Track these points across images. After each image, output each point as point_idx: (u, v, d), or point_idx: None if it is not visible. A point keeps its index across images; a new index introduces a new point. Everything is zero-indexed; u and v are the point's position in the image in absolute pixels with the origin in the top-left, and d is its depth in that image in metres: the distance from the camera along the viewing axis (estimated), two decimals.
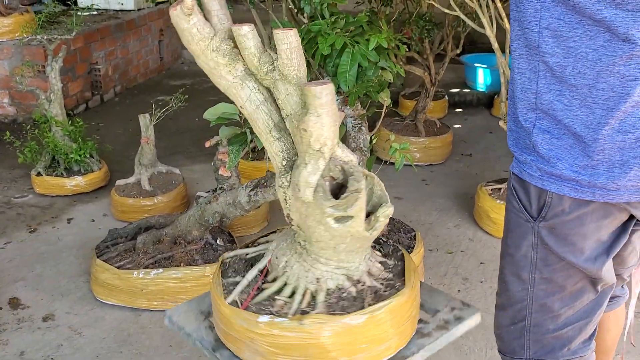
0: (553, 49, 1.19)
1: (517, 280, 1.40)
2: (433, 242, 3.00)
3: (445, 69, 4.01)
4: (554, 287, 1.36)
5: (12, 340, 2.31)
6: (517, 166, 1.33)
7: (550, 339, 1.42)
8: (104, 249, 2.58)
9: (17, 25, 4.69)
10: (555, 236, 1.30)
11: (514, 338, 1.46)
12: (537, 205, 1.30)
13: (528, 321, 1.42)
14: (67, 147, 3.45)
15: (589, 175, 1.21)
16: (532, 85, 1.24)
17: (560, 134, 1.22)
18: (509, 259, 1.42)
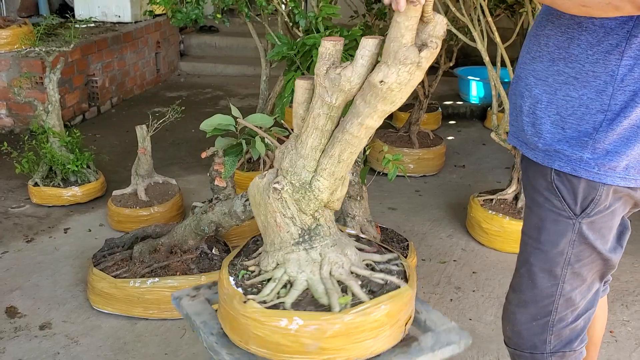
0: (635, 52, 1.27)
1: (547, 276, 1.47)
2: (426, 251, 3.04)
3: (439, 82, 4.07)
4: (579, 280, 1.47)
5: (9, 348, 2.33)
6: (569, 164, 1.38)
7: (568, 331, 1.51)
8: (100, 258, 2.61)
9: (15, 38, 4.73)
10: (593, 230, 1.42)
11: (536, 334, 1.52)
12: (583, 203, 1.39)
13: (553, 316, 1.50)
14: (64, 158, 3.48)
15: (636, 162, 1.35)
16: (607, 88, 1.31)
17: (623, 129, 1.32)
18: (541, 256, 1.47)
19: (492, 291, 2.71)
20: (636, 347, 2.35)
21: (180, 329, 2.44)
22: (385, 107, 1.27)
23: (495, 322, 2.49)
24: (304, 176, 1.40)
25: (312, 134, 1.38)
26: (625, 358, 2.29)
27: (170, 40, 6.53)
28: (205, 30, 7.17)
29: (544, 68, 1.40)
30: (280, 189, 1.40)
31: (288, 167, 1.43)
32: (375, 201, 3.51)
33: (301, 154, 1.40)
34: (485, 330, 2.44)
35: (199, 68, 6.79)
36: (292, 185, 1.41)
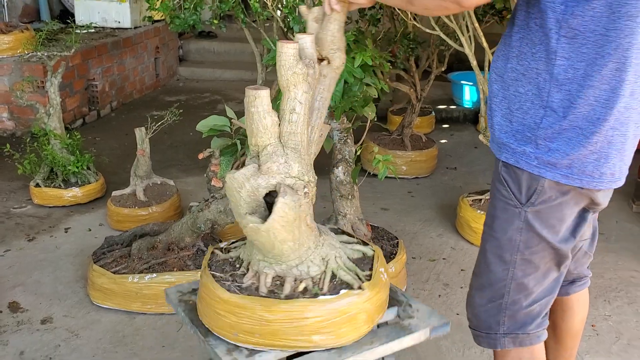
0: (568, 54, 1.36)
1: (499, 261, 1.57)
2: (417, 250, 3.13)
3: (432, 86, 4.16)
4: (531, 267, 1.54)
5: (12, 341, 2.42)
6: (513, 157, 1.47)
7: (522, 314, 1.59)
8: (100, 255, 2.70)
9: (17, 43, 4.83)
10: (540, 220, 1.49)
11: (491, 315, 1.62)
12: (527, 193, 1.47)
13: (505, 299, 1.58)
14: (65, 160, 3.58)
15: (580, 163, 1.41)
16: (546, 85, 1.40)
17: (563, 128, 1.40)
18: (494, 242, 1.57)
19: None
20: (616, 340, 2.44)
21: (177, 323, 2.53)
22: (334, 85, 1.55)
23: None
24: (312, 170, 1.52)
25: (305, 130, 1.50)
26: (606, 350, 2.38)
27: (169, 46, 6.64)
28: (204, 35, 7.28)
29: (502, 65, 1.50)
30: (310, 192, 1.48)
31: (301, 170, 1.47)
32: (368, 202, 3.60)
33: (304, 153, 1.48)
34: None
35: (197, 73, 6.89)
36: (312, 183, 1.50)
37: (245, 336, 1.42)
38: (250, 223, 1.38)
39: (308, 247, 1.47)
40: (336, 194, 2.71)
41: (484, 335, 1.65)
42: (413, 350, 2.33)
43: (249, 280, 1.47)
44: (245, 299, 1.41)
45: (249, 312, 1.40)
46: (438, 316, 1.63)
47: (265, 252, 1.45)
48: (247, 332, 1.41)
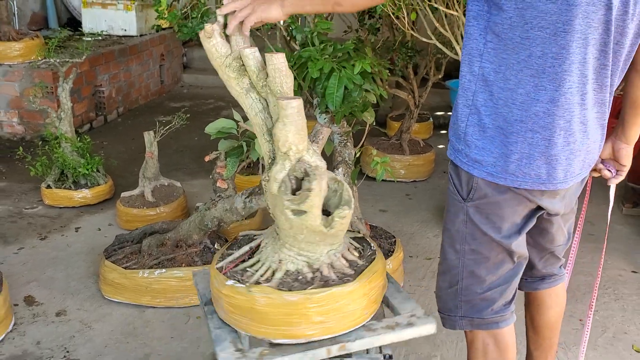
0: (492, 58, 1.47)
1: (452, 250, 1.68)
2: (414, 249, 3.26)
3: (430, 94, 4.30)
4: (480, 257, 1.64)
5: (29, 332, 2.55)
6: (453, 153, 1.60)
7: (478, 300, 1.69)
8: (111, 252, 2.83)
9: (27, 50, 4.98)
10: (480, 215, 1.59)
11: (450, 299, 1.74)
12: (467, 188, 1.58)
13: (460, 285, 1.70)
14: (76, 162, 3.71)
15: (503, 162, 1.50)
16: (471, 86, 1.51)
17: (486, 127, 1.50)
18: (447, 233, 1.70)
19: None
20: (602, 333, 2.57)
21: (184, 316, 2.65)
22: None
23: None
24: None
25: None
26: (592, 342, 2.50)
27: (173, 53, 6.79)
28: None
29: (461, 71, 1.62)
30: None
31: None
32: (367, 204, 3.73)
33: None
34: None
35: (201, 80, 7.04)
36: None
37: None
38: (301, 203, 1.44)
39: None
40: None
41: (446, 317, 1.78)
42: (407, 343, 2.46)
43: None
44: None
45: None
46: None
47: (309, 237, 1.51)
48: None
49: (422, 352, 2.43)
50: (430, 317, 1.61)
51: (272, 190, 1.45)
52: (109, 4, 6.18)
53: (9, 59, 4.94)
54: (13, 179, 4.20)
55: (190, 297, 2.69)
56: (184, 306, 2.70)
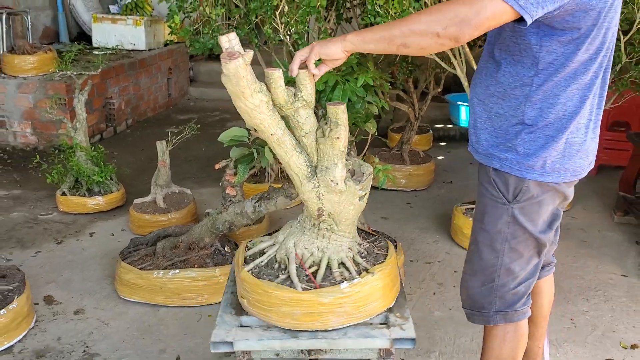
0: (540, 81, 1.67)
1: (490, 250, 1.84)
2: (414, 254, 3.41)
3: (431, 107, 4.48)
4: (516, 254, 1.82)
5: (50, 329, 2.70)
6: (498, 162, 1.76)
7: (510, 295, 1.87)
8: (127, 254, 2.98)
9: (41, 63, 5.17)
10: (524, 214, 1.77)
11: (484, 296, 1.89)
12: (514, 191, 1.76)
13: (496, 282, 1.86)
14: (90, 170, 3.88)
15: (550, 163, 1.71)
16: (520, 106, 1.71)
17: (536, 137, 1.70)
18: (484, 234, 1.84)
19: None
20: (591, 332, 2.71)
21: (197, 314, 2.80)
22: None
23: None
24: None
25: None
26: (582, 340, 2.64)
27: (180, 67, 6.98)
28: (214, 58, 7.62)
29: (483, 91, 1.80)
30: None
31: None
32: (369, 211, 3.87)
33: None
34: (463, 317, 2.75)
35: (207, 93, 7.23)
36: None
37: None
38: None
39: None
40: None
41: (477, 314, 1.93)
42: None
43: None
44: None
45: None
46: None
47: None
48: None
49: (422, 348, 2.57)
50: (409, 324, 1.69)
51: (341, 188, 1.63)
52: (118, 19, 6.39)
53: (23, 72, 5.13)
54: (28, 187, 4.36)
55: (202, 296, 2.84)
56: (196, 305, 2.84)
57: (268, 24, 3.41)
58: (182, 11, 3.64)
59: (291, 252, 1.77)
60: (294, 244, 1.78)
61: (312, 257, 1.75)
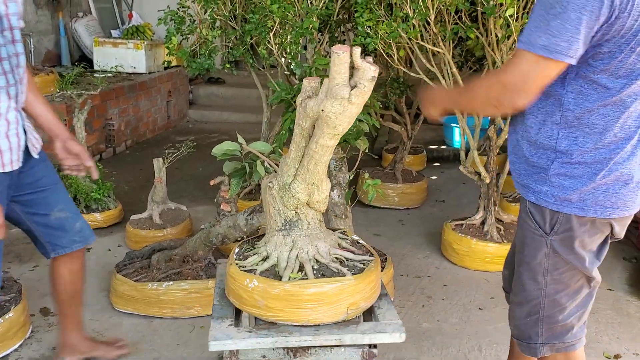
0: (574, 107, 1.62)
1: (533, 282, 1.79)
2: (405, 269, 3.47)
3: (425, 129, 4.59)
4: (561, 285, 1.76)
5: (45, 338, 2.75)
6: (533, 195, 1.72)
7: (559, 327, 1.81)
8: (122, 267, 3.05)
9: (43, 84, 5.28)
10: (564, 247, 1.71)
11: (530, 327, 1.84)
12: (550, 224, 1.71)
13: (541, 314, 1.80)
14: (88, 187, 3.96)
15: (592, 196, 1.65)
16: (553, 134, 1.66)
17: (572, 168, 1.65)
18: (526, 266, 1.80)
19: (459, 300, 3.13)
20: None
21: (189, 326, 2.85)
22: (329, 130, 1.64)
23: (459, 324, 2.90)
24: (285, 179, 1.85)
25: (293, 148, 1.83)
26: None
27: (180, 90, 7.11)
28: (213, 81, 7.77)
29: (517, 122, 1.77)
30: (272, 187, 1.85)
31: (279, 171, 1.89)
32: (362, 228, 3.95)
33: (286, 163, 1.86)
34: (450, 329, 2.86)
35: (206, 116, 7.34)
36: (279, 185, 1.85)
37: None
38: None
39: (271, 229, 1.90)
40: (331, 214, 3.07)
41: (525, 345, 1.88)
42: (397, 348, 2.66)
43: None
44: None
45: None
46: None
47: None
48: None
49: (410, 357, 2.62)
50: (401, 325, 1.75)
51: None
52: (119, 43, 6.53)
53: None
54: None
55: (196, 308, 2.90)
56: (189, 317, 2.90)
57: (263, 45, 3.53)
58: (180, 33, 3.77)
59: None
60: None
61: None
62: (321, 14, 3.49)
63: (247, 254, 1.89)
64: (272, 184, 1.86)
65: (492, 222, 3.49)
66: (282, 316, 1.73)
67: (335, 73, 1.57)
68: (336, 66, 1.56)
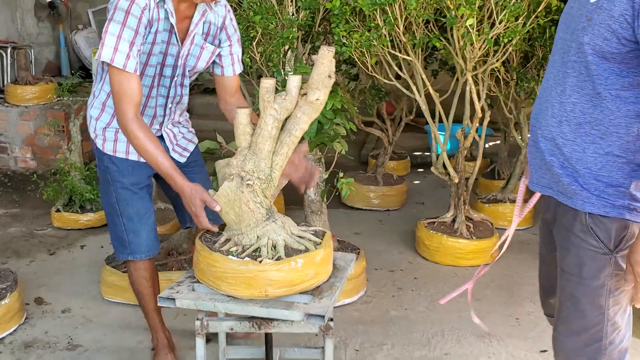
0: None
1: (594, 307, 1.66)
2: (379, 264, 3.68)
3: (411, 137, 4.80)
4: (619, 306, 1.67)
5: (39, 324, 2.96)
6: (602, 209, 1.61)
7: (617, 352, 1.69)
8: (112, 260, 3.26)
9: (42, 93, 5.52)
10: (624, 262, 1.62)
11: (589, 358, 1.70)
12: (616, 239, 1.61)
13: (604, 341, 1.67)
14: (83, 189, 4.18)
15: None
16: (630, 146, 1.58)
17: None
18: (585, 290, 1.66)
19: (427, 291, 3.34)
20: (533, 328, 2.96)
21: (174, 313, 3.05)
22: (314, 115, 1.93)
23: (425, 312, 3.11)
24: (266, 172, 2.06)
25: (267, 141, 2.05)
26: (524, 335, 2.90)
27: None
28: (209, 91, 8.03)
29: (572, 130, 1.64)
30: (252, 184, 2.04)
31: (253, 168, 2.07)
32: (343, 227, 4.16)
33: (261, 157, 2.06)
34: (416, 317, 3.06)
35: (202, 125, 7.50)
36: (260, 180, 2.05)
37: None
38: (212, 190, 1.99)
39: (247, 224, 2.00)
40: (308, 210, 3.28)
41: None
42: (365, 332, 2.86)
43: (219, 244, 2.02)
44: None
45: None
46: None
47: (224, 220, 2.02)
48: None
49: (376, 340, 2.82)
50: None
51: None
52: None
53: (25, 101, 5.47)
54: (26, 206, 4.66)
55: None
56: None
57: (246, 53, 3.76)
58: None
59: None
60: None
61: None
62: (301, 25, 3.73)
63: (249, 254, 1.97)
64: (252, 181, 2.02)
65: (462, 219, 3.70)
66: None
67: (324, 67, 1.85)
68: (325, 60, 1.84)
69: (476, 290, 3.34)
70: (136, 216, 2.47)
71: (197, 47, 2.34)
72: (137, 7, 2.11)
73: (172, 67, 2.33)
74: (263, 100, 1.98)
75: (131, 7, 2.10)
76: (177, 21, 2.23)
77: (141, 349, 2.77)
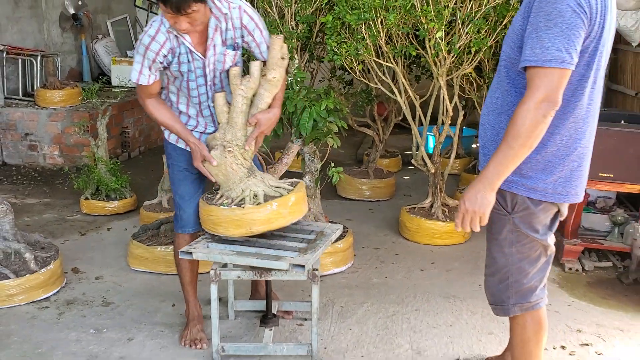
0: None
1: (501, 254, 2.16)
2: (367, 243, 4.23)
3: (405, 138, 5.31)
4: (524, 255, 2.13)
5: (77, 287, 3.53)
6: (505, 184, 2.00)
7: (524, 289, 2.18)
8: (137, 235, 3.83)
9: (68, 96, 6.13)
10: (523, 223, 2.08)
11: (502, 292, 2.21)
12: (511, 205, 2.06)
13: (510, 279, 2.17)
14: (108, 179, 4.76)
15: (552, 186, 2.02)
16: None
17: (538, 162, 1.99)
18: (495, 242, 2.17)
19: (406, 264, 3.89)
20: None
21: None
22: (274, 90, 2.57)
23: (402, 280, 3.66)
24: (243, 139, 2.63)
25: (240, 116, 2.62)
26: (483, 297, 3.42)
27: None
28: None
29: (494, 119, 2.10)
30: (232, 150, 2.62)
31: (232, 138, 2.64)
32: (337, 215, 4.71)
33: (237, 128, 2.63)
34: (394, 283, 3.61)
35: None
36: (238, 146, 2.63)
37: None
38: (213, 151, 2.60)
39: (233, 181, 2.60)
40: None
41: (499, 307, 2.24)
42: (349, 295, 3.41)
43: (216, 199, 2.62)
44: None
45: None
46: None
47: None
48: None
49: (358, 300, 3.37)
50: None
51: None
52: None
53: (53, 104, 6.08)
54: (56, 197, 5.25)
55: None
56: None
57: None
58: None
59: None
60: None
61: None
62: (300, 37, 4.30)
63: (237, 203, 2.60)
64: (232, 147, 2.60)
65: (439, 205, 4.25)
66: None
67: (276, 51, 2.50)
68: (276, 45, 2.49)
69: (447, 262, 3.90)
70: (187, 195, 2.86)
71: (220, 54, 2.64)
72: (157, 43, 2.55)
73: (202, 77, 2.68)
74: (232, 83, 2.58)
75: (150, 44, 2.55)
76: (194, 41, 2.59)
77: (163, 306, 3.33)
